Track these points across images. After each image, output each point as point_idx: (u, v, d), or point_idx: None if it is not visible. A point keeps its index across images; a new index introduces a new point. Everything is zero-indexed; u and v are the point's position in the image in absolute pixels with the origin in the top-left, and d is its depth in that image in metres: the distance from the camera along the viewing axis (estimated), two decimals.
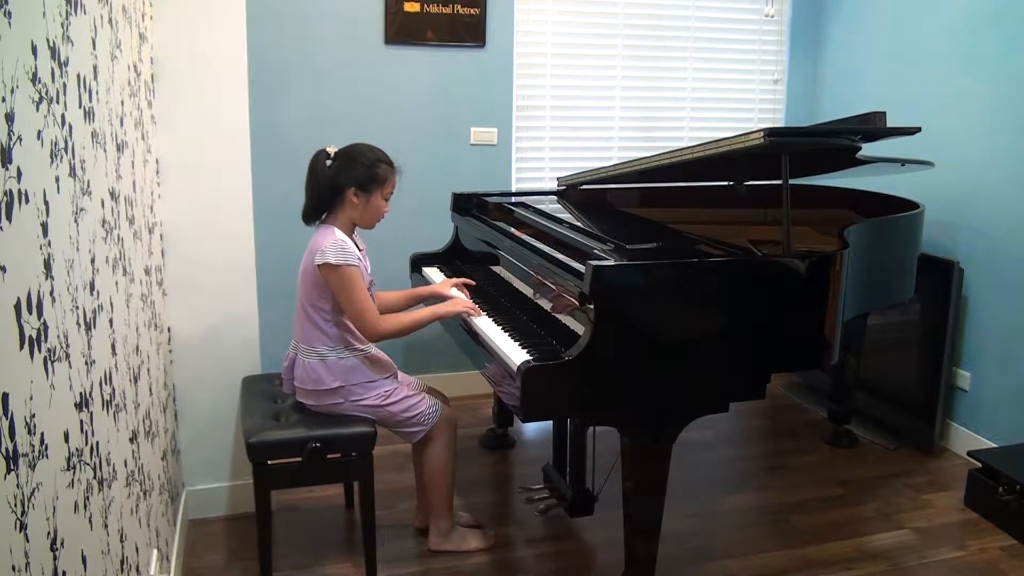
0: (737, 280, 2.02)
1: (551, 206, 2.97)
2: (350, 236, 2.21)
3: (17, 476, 0.88)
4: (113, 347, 1.54)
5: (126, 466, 1.60)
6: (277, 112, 3.25)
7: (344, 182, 2.17)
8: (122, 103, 1.78)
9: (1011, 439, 2.92)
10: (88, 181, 1.36)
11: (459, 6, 3.39)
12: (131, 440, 1.69)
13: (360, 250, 2.24)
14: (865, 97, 3.62)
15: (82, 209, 1.30)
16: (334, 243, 2.12)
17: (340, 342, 2.21)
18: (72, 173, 1.24)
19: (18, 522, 0.88)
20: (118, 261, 1.64)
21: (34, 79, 1.03)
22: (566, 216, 2.74)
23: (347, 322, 2.20)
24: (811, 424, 3.48)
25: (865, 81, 3.66)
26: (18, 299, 0.92)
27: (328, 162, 2.18)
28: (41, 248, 1.03)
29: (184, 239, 2.44)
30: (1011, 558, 2.48)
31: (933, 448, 3.16)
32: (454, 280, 2.54)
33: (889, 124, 2.48)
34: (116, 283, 1.61)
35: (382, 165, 2.20)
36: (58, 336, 1.10)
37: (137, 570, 1.64)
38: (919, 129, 2.44)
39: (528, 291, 2.36)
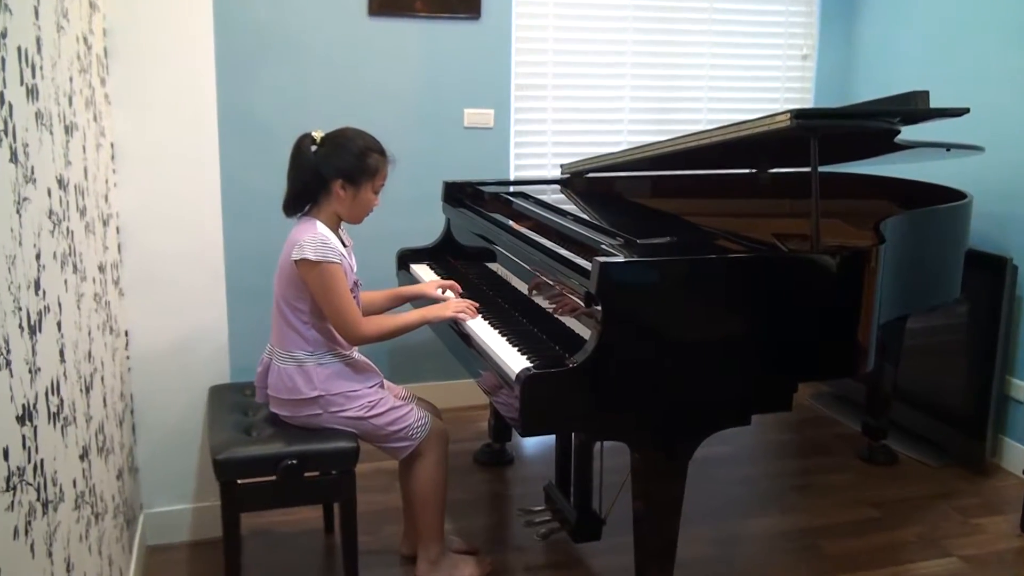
0: (760, 279, 2.01)
1: (553, 196, 2.97)
2: (335, 231, 2.21)
3: None
4: (61, 353, 1.53)
5: (75, 486, 1.59)
6: (248, 90, 3.25)
7: (330, 172, 2.17)
8: (71, 80, 1.77)
9: None
10: (32, 167, 1.35)
11: None
12: (81, 457, 1.68)
13: (346, 246, 2.25)
14: (905, 75, 3.61)
15: (25, 199, 1.29)
16: (314, 237, 2.12)
17: (319, 346, 2.21)
18: (13, 158, 1.23)
19: None
20: (67, 257, 1.63)
21: None
22: (570, 207, 2.73)
23: (328, 325, 2.20)
24: (843, 439, 3.48)
25: (905, 57, 3.65)
26: None
27: (313, 148, 2.18)
28: None
29: (144, 232, 2.43)
30: None
31: (984, 466, 3.15)
32: (442, 281, 2.55)
33: (932, 105, 2.47)
34: (65, 281, 1.60)
35: (373, 154, 2.19)
36: None
37: None
38: (967, 110, 2.43)
39: (528, 290, 2.35)
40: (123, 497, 2.24)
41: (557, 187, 3.19)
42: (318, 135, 2.20)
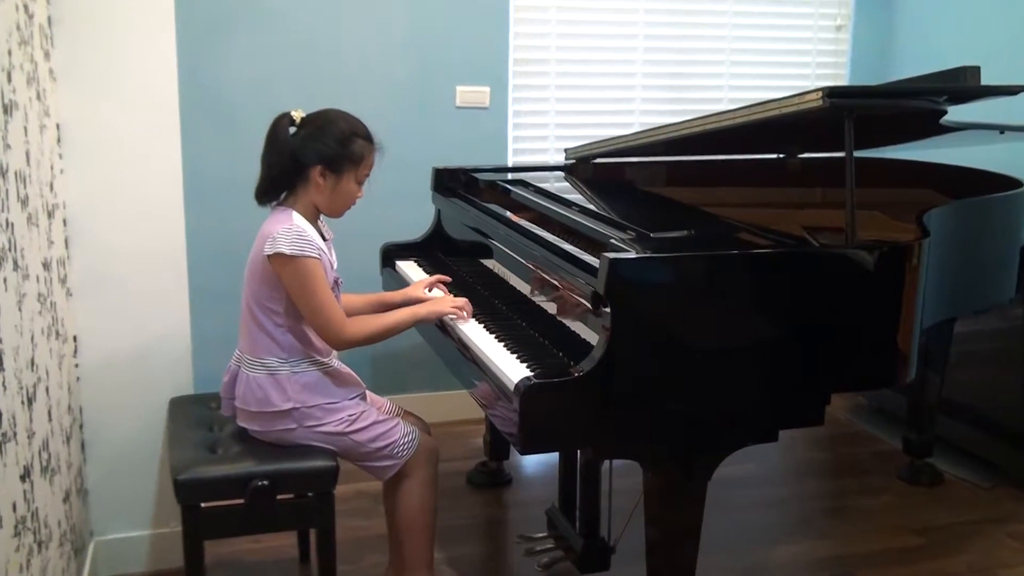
0: (788, 277, 2.01)
1: (557, 184, 2.97)
2: (313, 223, 2.21)
3: None
4: (0, 361, 1.51)
5: (15, 511, 1.58)
6: (213, 66, 3.25)
7: (309, 157, 2.17)
8: (9, 53, 1.76)
9: None
10: None
11: None
12: (22, 478, 1.67)
13: (325, 240, 2.25)
14: (953, 48, 3.61)
15: None
16: (288, 229, 2.11)
17: (295, 353, 2.20)
18: None
19: None
20: (7, 252, 1.63)
21: None
22: (575, 197, 2.74)
23: (304, 328, 2.20)
24: (882, 457, 3.48)
25: (953, 27, 3.64)
26: None
27: (292, 129, 2.18)
28: None
29: (94, 225, 2.43)
30: None
31: None
32: (430, 279, 2.55)
33: (984, 82, 2.47)
34: (4, 280, 1.60)
35: (358, 140, 2.19)
36: None
37: None
38: (1023, 88, 2.42)
39: (528, 290, 2.34)
40: (71, 523, 2.23)
41: (560, 174, 3.19)
42: (298, 115, 2.19)
